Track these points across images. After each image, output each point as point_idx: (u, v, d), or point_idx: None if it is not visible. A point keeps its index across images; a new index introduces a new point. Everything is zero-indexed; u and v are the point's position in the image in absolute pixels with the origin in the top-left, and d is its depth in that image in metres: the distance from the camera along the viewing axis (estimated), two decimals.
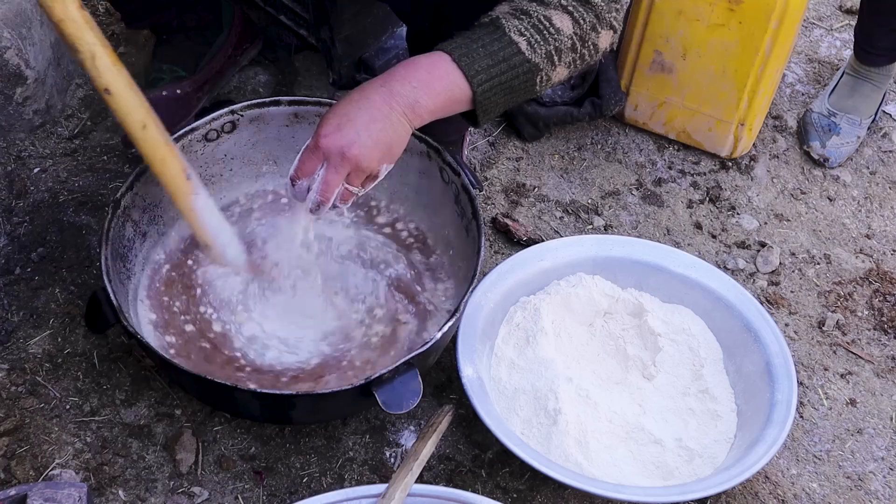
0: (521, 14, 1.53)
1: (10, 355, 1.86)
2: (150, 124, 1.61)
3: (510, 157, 2.31)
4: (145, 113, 1.61)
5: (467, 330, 1.80)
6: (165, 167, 1.65)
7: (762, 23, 2.10)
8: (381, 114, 1.51)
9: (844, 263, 2.20)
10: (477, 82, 1.51)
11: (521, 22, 1.53)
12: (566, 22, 1.54)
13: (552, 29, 1.53)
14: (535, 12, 1.53)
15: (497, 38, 1.52)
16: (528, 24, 1.53)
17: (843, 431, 1.93)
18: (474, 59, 1.51)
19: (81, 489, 1.40)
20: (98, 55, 1.52)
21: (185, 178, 1.67)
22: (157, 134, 1.63)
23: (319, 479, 1.77)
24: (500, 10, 1.56)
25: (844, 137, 2.36)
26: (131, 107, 1.59)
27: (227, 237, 1.77)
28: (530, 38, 1.52)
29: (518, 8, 1.54)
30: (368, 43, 2.33)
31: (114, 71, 1.55)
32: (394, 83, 1.52)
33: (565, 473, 1.65)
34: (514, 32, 1.52)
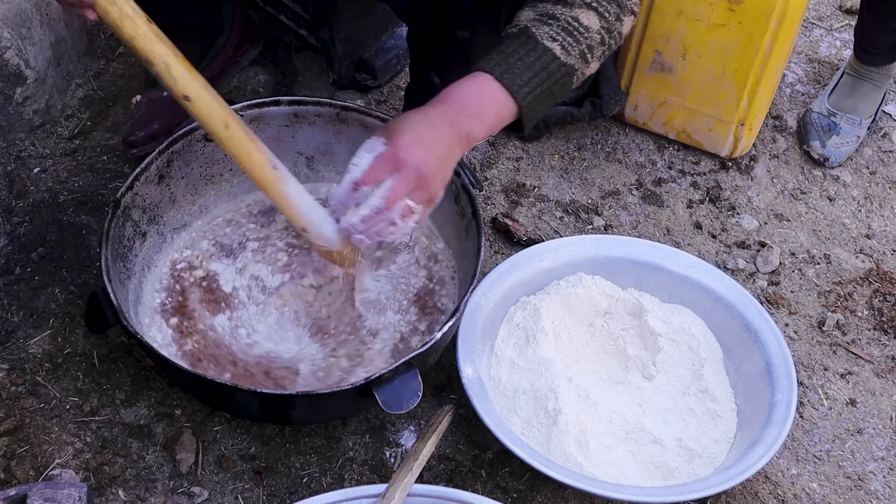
0: (548, 19, 1.55)
1: (10, 355, 1.86)
2: (232, 122, 1.62)
3: (510, 157, 2.32)
4: (226, 112, 1.61)
5: (467, 330, 1.80)
6: (252, 161, 1.65)
7: (762, 23, 2.10)
8: (447, 141, 1.52)
9: (844, 263, 2.20)
10: (522, 96, 1.54)
11: (551, 27, 1.55)
12: (593, 18, 1.56)
13: (581, 28, 1.55)
14: (562, 15, 1.55)
15: (532, 49, 1.54)
16: (558, 28, 1.55)
17: (843, 431, 1.93)
18: (516, 74, 1.53)
19: (81, 489, 1.39)
20: (172, 65, 1.54)
21: (272, 168, 1.67)
22: (240, 130, 1.63)
23: (319, 479, 1.77)
24: (526, 18, 1.57)
25: (844, 137, 2.36)
26: (212, 109, 1.59)
27: (320, 218, 1.75)
28: (563, 41, 1.55)
29: (544, 13, 1.56)
30: (368, 43, 2.33)
31: (189, 77, 1.56)
32: (452, 112, 1.53)
33: (565, 473, 1.65)
34: (547, 39, 1.54)
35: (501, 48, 1.55)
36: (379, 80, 2.36)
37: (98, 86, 2.34)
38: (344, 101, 1.98)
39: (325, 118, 1.98)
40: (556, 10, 1.56)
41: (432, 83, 1.90)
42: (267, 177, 1.68)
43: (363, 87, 2.37)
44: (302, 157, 2.04)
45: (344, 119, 1.97)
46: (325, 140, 2.01)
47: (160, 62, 1.53)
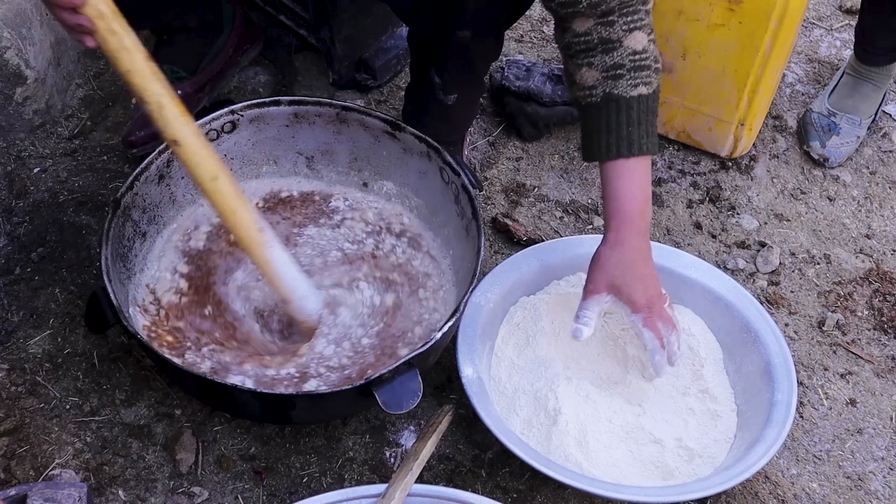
0: (616, 70, 1.61)
1: (10, 355, 1.86)
2: (221, 176, 1.59)
3: (510, 157, 2.31)
4: (215, 164, 1.58)
5: (467, 330, 1.80)
6: (238, 220, 1.63)
7: (762, 23, 2.10)
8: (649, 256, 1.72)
9: (844, 263, 2.20)
10: (652, 149, 1.65)
11: (623, 78, 1.61)
12: (641, 38, 1.62)
13: (641, 55, 1.61)
14: (620, 57, 1.60)
15: (628, 107, 1.62)
16: (629, 73, 1.61)
17: (843, 431, 1.93)
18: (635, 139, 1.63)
19: (81, 489, 1.40)
20: (165, 106, 1.51)
21: (258, 230, 1.65)
22: (229, 186, 1.60)
23: (319, 479, 1.77)
24: (597, 80, 1.62)
25: (844, 137, 2.36)
26: (200, 158, 1.56)
27: (304, 290, 1.74)
28: (641, 81, 1.62)
29: (607, 68, 1.61)
30: (368, 43, 2.33)
31: (181, 122, 1.53)
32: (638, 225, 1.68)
33: (565, 473, 1.65)
34: (631, 90, 1.61)
35: (604, 125, 1.64)
36: (379, 80, 2.36)
37: (98, 86, 2.34)
38: (344, 101, 1.98)
39: (325, 118, 1.98)
40: (612, 57, 1.60)
41: (432, 82, 1.90)
42: (252, 239, 1.65)
43: (363, 87, 2.37)
44: (302, 157, 2.04)
45: (344, 119, 1.97)
46: (325, 140, 2.01)
47: (154, 101, 1.51)
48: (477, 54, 1.86)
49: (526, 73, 2.30)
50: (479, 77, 1.96)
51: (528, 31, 2.59)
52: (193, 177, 1.59)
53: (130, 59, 1.48)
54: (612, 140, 1.64)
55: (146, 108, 1.52)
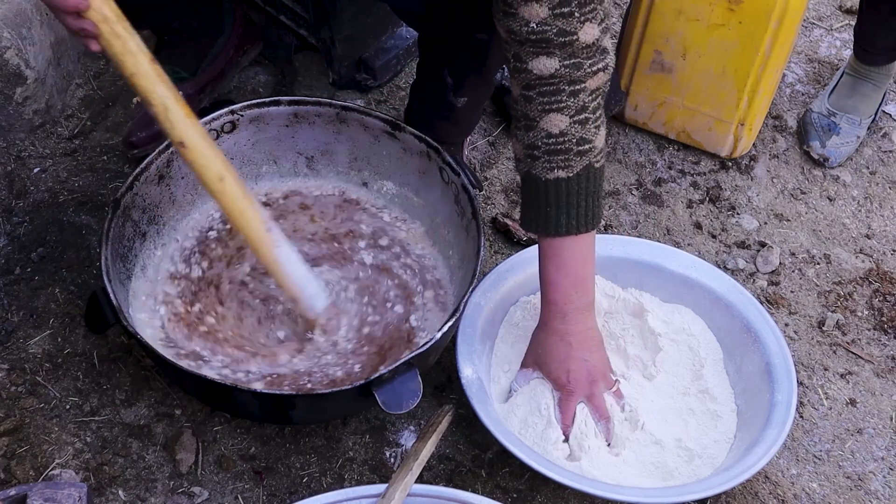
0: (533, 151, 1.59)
1: (10, 355, 1.86)
2: (228, 177, 1.58)
3: (510, 157, 2.31)
4: (222, 165, 1.58)
5: (467, 330, 1.80)
6: (246, 220, 1.63)
7: (762, 23, 2.10)
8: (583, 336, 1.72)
9: (844, 263, 2.20)
10: (572, 229, 1.63)
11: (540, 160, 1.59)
12: (558, 121, 1.57)
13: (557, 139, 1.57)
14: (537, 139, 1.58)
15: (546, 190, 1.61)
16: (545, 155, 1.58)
17: (843, 431, 1.93)
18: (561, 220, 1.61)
19: (81, 489, 1.40)
20: (171, 108, 1.51)
21: (266, 230, 1.64)
22: (235, 186, 1.60)
23: (319, 479, 1.77)
24: (520, 154, 1.63)
25: (844, 137, 2.36)
26: (207, 159, 1.56)
27: (313, 289, 1.75)
28: (558, 164, 1.58)
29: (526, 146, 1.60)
30: (368, 43, 2.33)
31: (188, 123, 1.53)
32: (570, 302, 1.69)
33: (565, 474, 1.65)
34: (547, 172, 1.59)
35: (528, 201, 1.65)
36: (379, 80, 2.36)
37: (98, 86, 2.34)
38: (344, 101, 1.98)
39: (325, 118, 1.98)
40: (530, 136, 1.58)
41: (445, 83, 1.89)
42: (260, 239, 1.65)
43: (363, 87, 2.37)
44: (302, 157, 2.04)
45: (344, 119, 1.97)
46: (325, 140, 2.01)
47: (159, 104, 1.50)
48: (493, 57, 1.85)
49: None
50: (490, 79, 1.96)
51: None
52: (200, 178, 1.59)
53: (135, 62, 1.48)
54: (532, 216, 1.65)
55: (152, 110, 1.52)
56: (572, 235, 1.63)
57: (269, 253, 1.66)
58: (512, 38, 1.53)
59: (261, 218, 1.64)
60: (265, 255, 1.67)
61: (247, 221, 1.63)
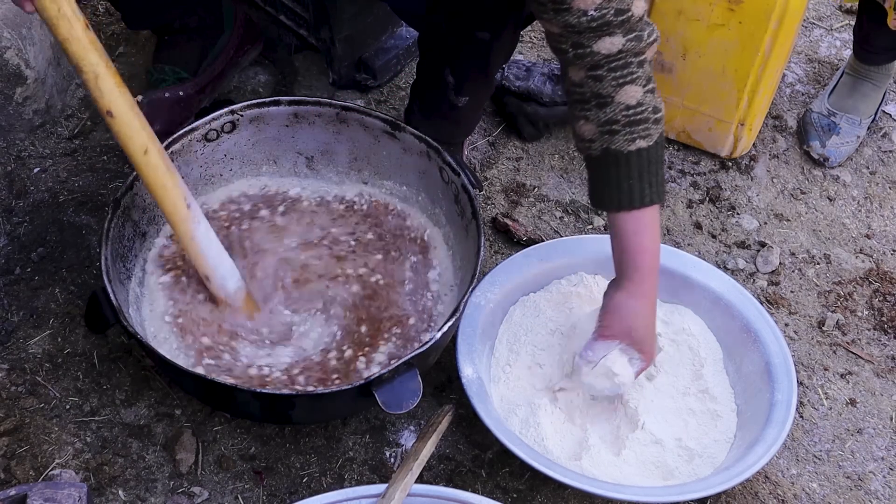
0: (611, 126, 1.58)
1: (10, 355, 1.86)
2: (152, 149, 1.60)
3: (510, 157, 2.31)
4: (147, 137, 1.59)
5: (467, 330, 1.80)
6: (166, 193, 1.64)
7: (762, 23, 2.10)
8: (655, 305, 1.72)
9: (844, 263, 2.20)
10: (657, 197, 1.63)
11: (620, 133, 1.58)
12: (633, 92, 1.57)
13: (635, 110, 1.57)
14: (615, 113, 1.57)
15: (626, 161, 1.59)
16: (626, 127, 1.57)
17: (843, 431, 1.93)
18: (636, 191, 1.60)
19: (81, 489, 1.39)
20: (101, 76, 1.51)
21: (186, 206, 1.66)
22: (159, 159, 1.61)
23: (319, 479, 1.77)
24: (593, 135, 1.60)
25: (844, 137, 2.36)
26: (133, 130, 1.57)
27: (226, 269, 1.76)
28: (639, 134, 1.58)
29: (603, 123, 1.58)
30: (368, 43, 2.33)
31: (117, 93, 1.54)
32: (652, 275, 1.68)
33: (565, 473, 1.65)
34: (628, 144, 1.58)
35: (608, 179, 1.62)
36: (379, 80, 2.36)
37: None
38: (344, 101, 1.99)
39: (325, 118, 1.98)
40: (606, 113, 1.57)
41: (446, 82, 1.89)
42: (179, 214, 1.66)
43: (363, 87, 2.37)
44: (302, 157, 2.04)
45: (344, 119, 1.97)
46: (325, 140, 2.01)
47: (90, 71, 1.50)
48: (494, 55, 1.85)
49: (526, 73, 2.30)
50: (491, 79, 1.95)
51: (528, 31, 2.58)
52: (125, 149, 1.59)
53: (69, 27, 1.47)
54: (614, 194, 1.63)
55: (82, 76, 1.51)
56: (650, 205, 1.62)
57: (186, 229, 1.68)
58: (569, 30, 1.53)
59: (181, 194, 1.65)
60: (182, 231, 1.68)
61: (167, 195, 1.64)
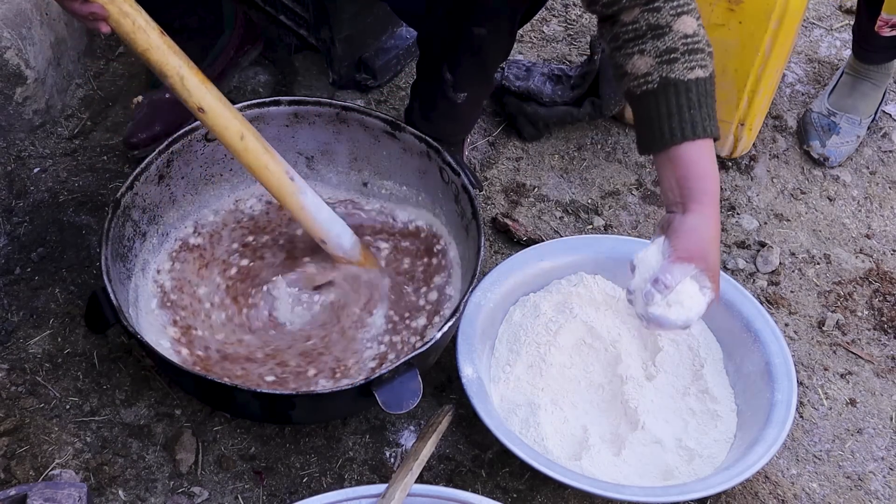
0: (670, 54, 1.57)
1: (10, 355, 1.87)
2: (248, 134, 1.64)
3: (510, 157, 2.31)
4: (240, 123, 1.63)
5: (467, 330, 1.80)
6: (269, 173, 1.68)
7: (762, 23, 2.10)
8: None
9: (844, 263, 2.20)
10: (713, 130, 1.59)
11: (678, 61, 1.57)
12: (690, 22, 1.59)
13: (693, 38, 1.59)
14: (673, 41, 1.57)
15: (686, 90, 1.57)
16: (683, 57, 1.57)
17: (843, 431, 1.93)
18: (698, 121, 1.57)
19: (81, 489, 1.39)
20: (186, 76, 1.56)
21: (290, 180, 1.70)
22: (256, 142, 1.65)
23: (319, 479, 1.77)
24: (652, 66, 1.59)
25: (844, 137, 2.36)
26: (226, 120, 1.61)
27: (339, 229, 1.80)
28: (697, 63, 1.58)
29: (661, 52, 1.58)
30: (368, 43, 2.33)
31: (203, 89, 1.58)
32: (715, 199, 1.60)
33: (565, 473, 1.65)
34: (687, 73, 1.57)
35: (669, 110, 1.58)
36: (379, 80, 2.36)
37: (98, 86, 2.34)
38: (344, 101, 1.99)
39: (325, 118, 1.98)
40: (664, 42, 1.58)
41: (444, 79, 1.89)
42: (285, 189, 1.70)
43: (363, 87, 2.37)
44: (302, 157, 2.04)
45: (344, 119, 1.97)
46: (325, 140, 2.01)
47: (174, 74, 1.54)
48: (491, 52, 1.85)
49: (526, 73, 2.30)
50: (489, 75, 1.95)
51: (527, 31, 2.58)
52: (222, 140, 1.64)
53: (146, 37, 1.52)
54: (675, 124, 1.58)
55: (167, 81, 1.56)
56: (708, 137, 1.59)
57: (295, 201, 1.72)
58: None
59: (283, 169, 1.69)
60: (291, 203, 1.73)
61: (271, 174, 1.68)
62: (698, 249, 1.57)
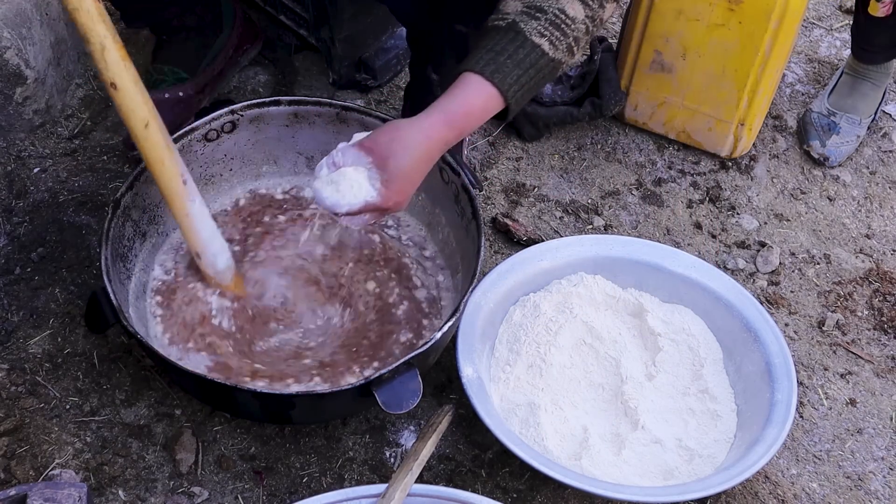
0: (536, 12, 1.54)
1: (10, 355, 1.86)
2: (153, 123, 1.61)
3: (510, 157, 2.31)
4: (148, 111, 1.61)
5: (467, 330, 1.80)
6: (163, 169, 1.65)
7: (762, 23, 2.10)
8: (435, 157, 1.56)
9: (844, 263, 2.20)
10: (511, 94, 1.54)
11: (539, 21, 1.53)
12: (578, 8, 1.55)
13: (568, 20, 1.54)
14: (549, 7, 1.54)
15: (521, 45, 1.53)
16: (546, 23, 1.53)
17: (843, 431, 1.93)
18: (506, 73, 1.53)
19: (81, 489, 1.39)
20: (108, 48, 1.53)
21: (182, 183, 1.67)
22: (159, 134, 1.63)
23: (319, 479, 1.77)
24: (514, 10, 1.56)
25: (844, 137, 2.36)
26: (135, 104, 1.59)
27: (218, 248, 1.77)
28: (551, 36, 1.54)
29: (531, 6, 1.54)
30: (368, 43, 2.33)
31: (122, 66, 1.55)
32: (452, 138, 1.55)
33: (565, 473, 1.65)
34: (536, 35, 1.53)
35: (490, 45, 1.54)
36: (379, 80, 2.36)
37: (98, 86, 2.34)
38: (344, 101, 1.98)
39: (325, 118, 1.98)
40: (543, 2, 1.54)
41: (431, 80, 1.89)
42: (175, 190, 1.67)
43: (363, 87, 2.37)
44: (302, 157, 2.04)
45: (344, 119, 1.97)
46: (325, 140, 2.01)
47: (97, 42, 1.52)
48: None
49: None
50: None
51: None
52: (126, 122, 1.60)
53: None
54: (486, 58, 1.53)
55: (88, 48, 1.52)
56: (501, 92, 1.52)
57: (182, 205, 1.69)
58: None
59: (178, 170, 1.66)
60: (177, 207, 1.69)
61: (165, 170, 1.65)
62: (383, 148, 1.53)
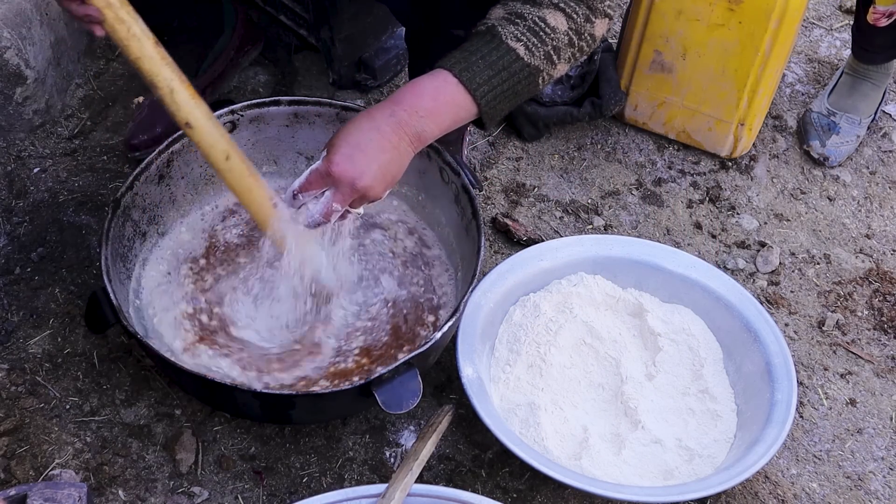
0: (515, 18, 1.54)
1: (10, 355, 1.87)
2: (233, 154, 1.60)
3: (510, 157, 2.32)
4: (227, 143, 1.60)
5: (467, 330, 1.80)
6: (252, 196, 1.64)
7: (762, 23, 2.11)
8: (390, 144, 1.53)
9: (844, 263, 2.20)
10: (480, 94, 1.53)
11: (517, 27, 1.53)
12: (560, 19, 1.54)
13: (547, 29, 1.54)
14: (530, 14, 1.54)
15: (495, 48, 1.53)
16: (524, 28, 1.53)
17: (843, 431, 1.93)
18: (475, 72, 1.52)
19: (81, 489, 1.40)
20: (176, 90, 1.53)
21: (272, 206, 1.65)
22: (242, 164, 1.62)
23: (319, 479, 1.77)
24: (495, 17, 1.56)
25: (844, 137, 2.36)
26: (213, 139, 1.58)
27: (318, 263, 1.76)
28: (527, 42, 1.53)
29: (512, 12, 1.55)
30: (368, 43, 2.33)
31: (192, 104, 1.55)
32: (402, 113, 1.53)
33: (565, 473, 1.65)
34: (511, 39, 1.53)
35: (466, 45, 1.55)
36: (379, 80, 2.36)
37: (98, 86, 2.34)
38: (344, 101, 1.98)
39: (325, 118, 1.98)
40: (524, 9, 1.54)
41: None
42: (266, 213, 1.66)
43: (363, 87, 2.37)
44: (302, 157, 2.04)
45: (344, 119, 1.97)
46: (325, 140, 2.00)
47: (165, 86, 1.52)
48: None
49: None
50: None
51: None
52: (207, 157, 1.60)
53: (139, 46, 1.49)
54: (455, 55, 1.53)
55: (157, 93, 1.53)
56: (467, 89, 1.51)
57: (278, 228, 1.68)
58: None
59: (266, 194, 1.66)
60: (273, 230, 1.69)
61: (254, 198, 1.65)
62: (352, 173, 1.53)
